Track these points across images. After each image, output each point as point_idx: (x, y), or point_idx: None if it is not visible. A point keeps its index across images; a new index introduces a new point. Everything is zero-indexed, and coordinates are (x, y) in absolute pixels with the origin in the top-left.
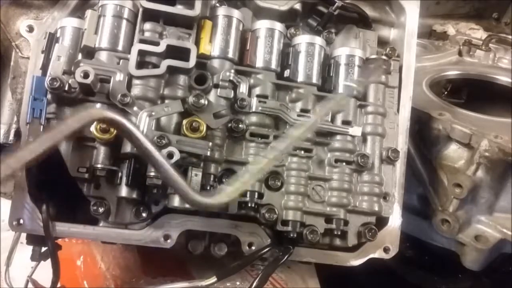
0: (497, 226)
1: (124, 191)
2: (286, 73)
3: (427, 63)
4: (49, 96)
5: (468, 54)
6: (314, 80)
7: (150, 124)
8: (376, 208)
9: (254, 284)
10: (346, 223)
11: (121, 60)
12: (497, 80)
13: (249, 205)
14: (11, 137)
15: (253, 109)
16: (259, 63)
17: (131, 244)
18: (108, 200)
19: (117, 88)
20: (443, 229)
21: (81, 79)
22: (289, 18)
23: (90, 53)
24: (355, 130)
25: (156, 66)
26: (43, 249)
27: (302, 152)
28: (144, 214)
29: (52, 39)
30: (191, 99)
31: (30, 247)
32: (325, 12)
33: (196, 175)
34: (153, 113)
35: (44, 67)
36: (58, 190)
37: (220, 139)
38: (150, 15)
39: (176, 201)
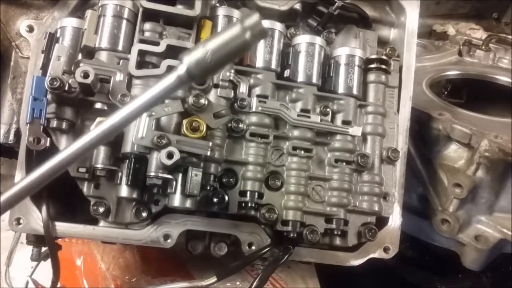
0: (497, 226)
1: (124, 191)
2: (286, 73)
3: (427, 63)
4: (49, 96)
5: (468, 54)
6: (314, 80)
7: (150, 124)
8: (376, 208)
9: (254, 284)
10: (346, 223)
11: (121, 60)
12: (497, 80)
13: (249, 205)
14: (11, 137)
15: (253, 109)
16: (259, 63)
17: (131, 244)
18: (108, 200)
19: (117, 88)
20: (443, 229)
21: (81, 79)
22: (289, 18)
23: (90, 53)
24: (355, 130)
25: (156, 66)
26: (43, 249)
27: (302, 152)
28: (144, 214)
29: (52, 39)
30: (191, 99)
31: (30, 247)
32: (325, 12)
33: (196, 175)
34: (153, 113)
35: (44, 67)
36: (58, 190)
37: (220, 139)
38: (150, 15)
39: (176, 201)
